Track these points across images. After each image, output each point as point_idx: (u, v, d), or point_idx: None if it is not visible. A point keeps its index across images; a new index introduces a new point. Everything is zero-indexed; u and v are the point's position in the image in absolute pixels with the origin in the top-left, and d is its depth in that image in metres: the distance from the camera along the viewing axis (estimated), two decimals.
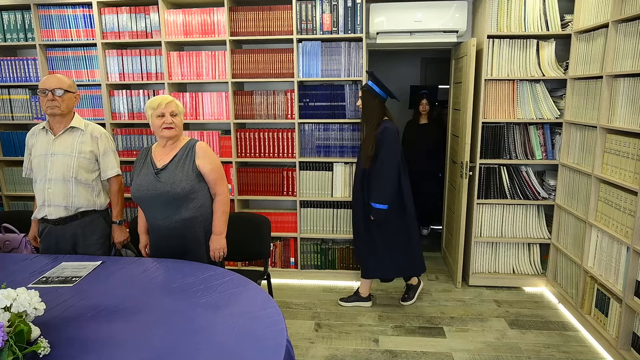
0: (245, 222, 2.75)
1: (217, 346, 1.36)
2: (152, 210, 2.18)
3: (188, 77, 3.44)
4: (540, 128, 3.28)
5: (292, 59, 3.33)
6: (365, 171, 2.92)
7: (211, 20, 3.32)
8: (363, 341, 2.74)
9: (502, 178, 3.34)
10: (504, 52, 3.18)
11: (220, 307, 1.61)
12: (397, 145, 2.86)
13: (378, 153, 2.83)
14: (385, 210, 2.86)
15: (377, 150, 2.83)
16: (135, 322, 1.53)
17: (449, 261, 3.83)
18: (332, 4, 3.23)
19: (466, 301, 3.26)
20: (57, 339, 1.38)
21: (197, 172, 2.14)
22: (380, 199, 2.84)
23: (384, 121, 2.88)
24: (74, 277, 1.89)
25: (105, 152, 2.35)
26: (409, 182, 2.98)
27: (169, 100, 2.11)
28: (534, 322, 2.96)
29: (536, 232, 3.39)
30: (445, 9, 3.24)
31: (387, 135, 2.82)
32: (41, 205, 2.30)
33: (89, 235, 2.35)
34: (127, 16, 3.37)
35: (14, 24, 3.45)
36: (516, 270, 3.47)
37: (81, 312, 1.59)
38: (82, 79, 3.49)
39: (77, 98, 2.33)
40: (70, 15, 3.40)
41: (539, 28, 3.11)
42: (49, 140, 2.27)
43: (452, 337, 2.78)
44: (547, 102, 3.21)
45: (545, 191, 3.32)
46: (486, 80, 3.20)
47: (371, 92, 2.88)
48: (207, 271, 1.92)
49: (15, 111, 3.60)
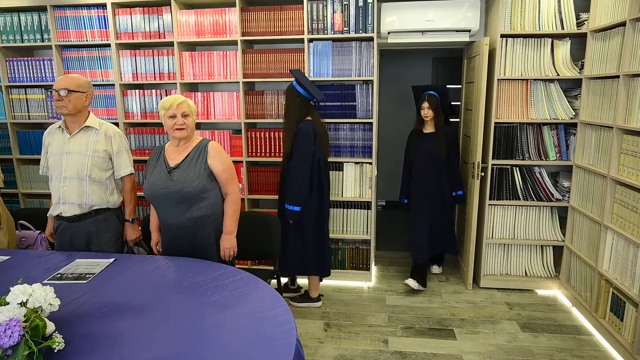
0: (255, 221, 2.77)
1: (227, 345, 1.37)
2: (164, 209, 2.20)
3: (200, 77, 3.47)
4: (555, 128, 3.24)
5: (303, 58, 3.33)
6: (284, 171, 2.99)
7: (223, 20, 3.34)
8: (372, 342, 2.74)
9: (514, 179, 3.30)
10: (518, 52, 3.14)
11: (230, 305, 1.62)
12: (310, 146, 2.83)
13: (292, 154, 2.86)
14: (297, 212, 2.89)
15: (292, 151, 2.86)
16: (147, 319, 1.54)
17: (459, 262, 3.80)
18: (343, 4, 3.23)
19: (477, 303, 3.23)
20: (70, 334, 1.40)
21: (208, 171, 2.16)
22: (293, 201, 2.88)
23: (305, 121, 2.87)
24: (88, 274, 1.92)
25: (118, 151, 2.38)
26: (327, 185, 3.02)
27: (180, 100, 2.13)
28: (546, 325, 2.92)
29: (549, 234, 3.35)
30: (457, 8, 3.22)
31: (300, 136, 2.83)
32: (56, 203, 2.35)
33: (102, 233, 2.39)
34: (140, 17, 3.41)
35: (30, 25, 3.52)
36: (528, 272, 3.43)
37: (94, 308, 1.61)
38: (97, 79, 3.54)
39: (87, 98, 2.33)
40: (85, 17, 3.45)
41: (553, 27, 3.07)
42: (65, 139, 2.31)
43: (463, 339, 2.76)
44: (562, 102, 3.16)
45: (559, 193, 3.28)
46: (499, 79, 3.17)
47: (294, 91, 2.87)
48: (218, 270, 1.94)
49: (32, 111, 3.67)
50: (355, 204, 3.52)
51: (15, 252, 2.26)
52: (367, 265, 3.59)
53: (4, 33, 3.54)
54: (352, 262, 3.61)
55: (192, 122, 2.17)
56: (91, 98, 2.37)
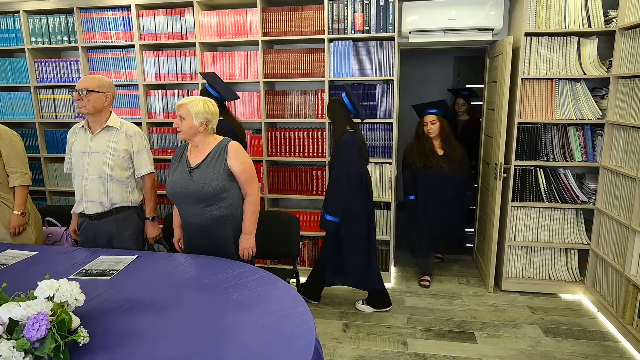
0: (275, 221, 2.78)
1: (247, 343, 1.38)
2: (184, 208, 2.23)
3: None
4: (581, 129, 3.16)
5: (323, 58, 3.33)
6: None
7: (244, 21, 3.37)
8: (391, 343, 2.72)
9: (538, 180, 3.23)
10: (542, 50, 3.07)
11: (250, 304, 1.63)
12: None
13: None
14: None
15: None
16: (168, 316, 1.57)
17: (480, 265, 3.75)
18: (364, 3, 3.21)
19: (498, 306, 3.17)
20: (95, 329, 1.43)
21: (228, 171, 2.17)
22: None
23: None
24: (111, 271, 1.96)
25: (139, 151, 2.41)
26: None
27: (181, 103, 2.14)
28: (570, 330, 2.85)
29: (574, 237, 3.26)
30: (480, 6, 3.17)
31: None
32: (79, 201, 2.40)
33: (122, 231, 2.43)
34: (163, 18, 3.46)
35: (58, 27, 3.61)
36: (552, 276, 3.36)
37: (117, 304, 1.64)
38: (121, 80, 3.61)
39: (107, 98, 2.33)
40: (110, 18, 3.52)
41: (580, 24, 2.99)
42: (87, 139, 2.36)
43: (484, 343, 2.71)
44: (588, 101, 3.08)
45: (585, 195, 3.19)
46: (523, 79, 3.11)
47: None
48: (238, 268, 1.95)
49: (59, 110, 3.77)
50: (375, 204, 3.50)
51: (42, 248, 2.33)
52: (386, 265, 3.57)
53: (32, 35, 3.65)
54: None
55: (186, 125, 2.13)
56: (112, 98, 2.38)
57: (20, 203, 2.55)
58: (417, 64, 5.61)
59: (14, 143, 2.55)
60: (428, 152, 3.35)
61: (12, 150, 2.52)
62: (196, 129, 2.14)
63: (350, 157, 2.83)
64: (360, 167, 2.90)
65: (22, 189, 2.56)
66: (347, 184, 2.85)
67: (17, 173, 2.54)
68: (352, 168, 2.85)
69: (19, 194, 2.55)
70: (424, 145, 3.37)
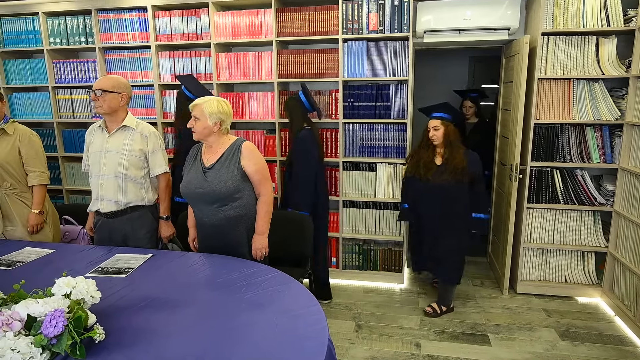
0: (288, 221, 2.78)
1: (260, 342, 1.39)
2: (198, 207, 2.25)
3: (235, 77, 3.52)
4: (599, 130, 3.10)
5: (337, 58, 3.33)
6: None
7: (259, 21, 3.38)
8: (404, 345, 2.70)
9: (555, 182, 3.18)
10: (560, 50, 3.02)
11: (263, 303, 1.64)
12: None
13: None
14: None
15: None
16: (182, 314, 1.58)
17: (495, 267, 3.70)
18: (378, 3, 3.20)
19: (513, 309, 3.13)
20: (110, 326, 1.45)
21: (242, 172, 2.18)
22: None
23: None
24: (127, 269, 1.99)
25: (153, 151, 2.43)
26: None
27: (195, 103, 2.16)
28: (587, 334, 2.80)
29: (591, 239, 3.21)
30: (496, 6, 3.13)
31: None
32: (95, 199, 2.44)
33: (137, 229, 2.45)
34: (179, 19, 3.50)
35: (76, 28, 3.67)
36: (568, 279, 3.30)
37: (133, 302, 1.66)
38: (137, 80, 3.65)
39: (122, 98, 2.35)
40: (127, 19, 3.57)
41: (599, 23, 2.94)
42: (104, 138, 2.40)
43: (498, 346, 2.68)
44: (607, 102, 3.02)
45: (603, 196, 3.13)
46: (539, 79, 3.06)
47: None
48: (251, 268, 1.96)
49: (76, 110, 3.83)
50: (389, 205, 3.49)
51: (59, 246, 2.37)
52: (399, 267, 3.55)
53: (51, 36, 3.72)
54: (384, 264, 3.58)
55: (200, 126, 2.14)
56: (127, 98, 2.39)
57: (38, 202, 2.59)
58: (431, 64, 5.57)
59: (33, 143, 2.60)
60: (420, 160, 2.97)
61: (31, 150, 2.57)
62: (210, 129, 2.16)
63: (310, 153, 2.99)
64: (316, 163, 3.03)
65: (41, 188, 2.61)
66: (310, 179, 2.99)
67: (36, 172, 2.59)
68: (312, 162, 2.99)
69: (37, 193, 2.59)
70: (419, 153, 3.00)
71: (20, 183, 2.58)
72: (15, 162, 2.53)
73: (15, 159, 2.53)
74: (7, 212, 2.57)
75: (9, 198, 2.56)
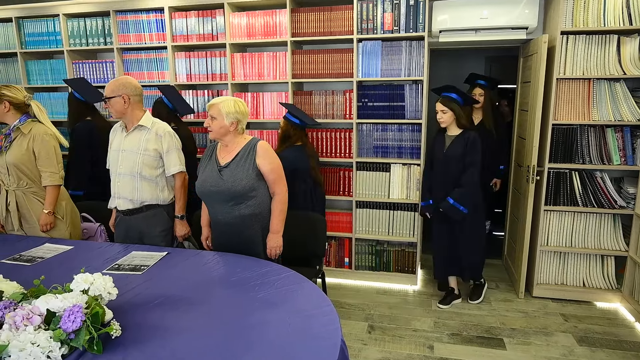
0: (301, 221, 2.78)
1: (273, 342, 1.39)
2: (213, 206, 2.27)
3: (250, 77, 3.54)
4: (619, 131, 3.03)
5: (351, 59, 3.32)
6: None
7: (273, 21, 3.39)
8: (417, 346, 2.68)
9: (573, 184, 3.12)
10: (579, 49, 2.97)
11: (276, 303, 1.64)
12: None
13: None
14: None
15: None
16: (196, 312, 1.59)
17: (511, 270, 3.65)
18: (393, 3, 3.18)
19: (529, 313, 3.09)
20: (126, 322, 1.47)
21: (257, 171, 2.19)
22: None
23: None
24: (143, 266, 2.01)
25: (168, 150, 2.44)
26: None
27: (212, 103, 2.18)
28: (606, 340, 2.74)
29: (611, 243, 3.14)
30: (513, 5, 3.09)
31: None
32: (113, 197, 2.49)
33: (152, 228, 2.49)
34: (195, 20, 3.53)
35: (95, 29, 3.74)
36: (587, 283, 3.24)
37: (148, 299, 1.68)
38: (153, 80, 3.70)
39: (125, 99, 2.34)
40: (144, 20, 3.62)
41: (620, 22, 2.87)
42: (122, 137, 2.44)
43: (513, 350, 2.64)
44: (628, 102, 2.96)
45: (623, 199, 3.07)
46: (558, 79, 3.01)
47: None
48: (265, 267, 1.97)
49: None
50: (403, 205, 3.47)
51: (77, 243, 2.41)
52: (412, 268, 3.53)
53: (71, 37, 3.79)
54: (398, 265, 3.56)
55: (217, 125, 2.16)
56: (133, 98, 2.36)
57: (49, 202, 2.58)
58: (446, 63, 5.52)
59: (46, 143, 2.57)
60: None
61: (43, 150, 2.55)
62: (226, 128, 2.17)
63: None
64: None
65: (53, 189, 2.60)
66: None
67: (47, 173, 2.57)
68: None
69: (48, 194, 2.59)
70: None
71: (36, 182, 2.60)
72: (30, 161, 2.55)
73: (30, 158, 2.55)
74: (24, 210, 2.61)
75: (26, 197, 2.60)
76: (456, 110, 2.91)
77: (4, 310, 1.34)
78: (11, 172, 2.55)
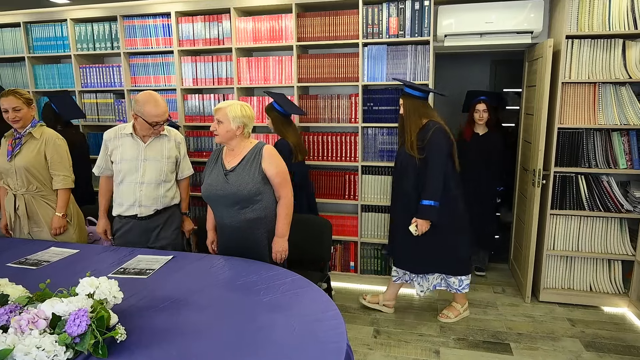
0: (306, 225, 2.78)
1: (278, 346, 1.39)
2: (219, 210, 2.28)
3: (256, 81, 3.55)
4: (625, 135, 3.02)
5: (357, 63, 3.33)
6: None
7: (279, 26, 3.41)
8: (423, 351, 2.67)
9: (579, 188, 3.10)
10: (585, 53, 2.96)
11: (282, 307, 1.64)
12: None
13: None
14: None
15: None
16: (201, 315, 1.59)
17: (517, 274, 3.63)
18: (399, 8, 3.19)
19: (536, 317, 3.06)
20: (132, 326, 1.48)
21: (263, 175, 2.20)
22: None
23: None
24: (148, 270, 2.02)
25: (184, 156, 2.60)
26: None
27: (219, 107, 2.19)
28: (613, 345, 2.71)
29: (618, 247, 3.11)
30: (519, 9, 3.09)
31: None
32: (131, 205, 2.44)
33: (169, 226, 2.56)
34: (201, 24, 3.55)
35: (102, 34, 3.77)
36: (594, 287, 3.21)
37: (153, 303, 1.68)
38: (160, 84, 3.73)
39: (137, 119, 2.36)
40: (151, 25, 3.64)
41: (625, 26, 2.86)
42: (139, 146, 2.44)
43: (520, 355, 2.62)
44: (634, 106, 2.94)
45: (630, 203, 3.04)
46: (563, 83, 3.00)
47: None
48: (270, 271, 1.97)
49: (101, 114, 3.92)
50: None
51: (83, 246, 2.42)
52: None
53: (78, 42, 3.82)
54: None
55: (223, 129, 2.17)
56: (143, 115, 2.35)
57: (61, 205, 2.64)
58: (452, 67, 5.51)
59: (58, 147, 2.65)
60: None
61: (55, 154, 2.62)
62: (233, 132, 2.18)
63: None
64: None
65: (64, 192, 2.66)
66: None
67: (60, 176, 2.64)
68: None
69: (61, 197, 2.64)
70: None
71: (46, 186, 2.64)
72: (41, 165, 2.60)
73: (41, 162, 2.60)
74: (33, 214, 2.64)
75: (35, 200, 2.63)
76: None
77: (9, 314, 1.35)
78: (21, 176, 2.58)
